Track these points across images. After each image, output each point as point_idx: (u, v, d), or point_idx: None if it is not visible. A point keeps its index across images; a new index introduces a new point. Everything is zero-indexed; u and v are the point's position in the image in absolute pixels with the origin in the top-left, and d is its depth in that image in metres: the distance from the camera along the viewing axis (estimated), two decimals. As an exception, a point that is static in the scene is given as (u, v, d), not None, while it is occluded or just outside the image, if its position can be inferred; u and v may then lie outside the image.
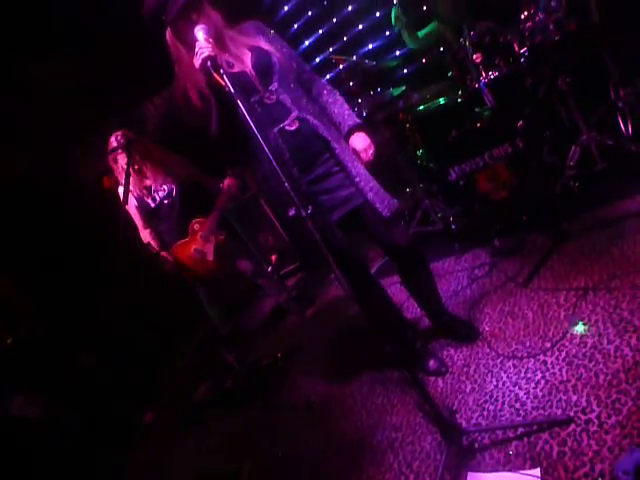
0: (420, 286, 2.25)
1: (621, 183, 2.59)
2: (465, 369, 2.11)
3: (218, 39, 1.73)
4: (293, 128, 1.79)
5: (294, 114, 1.80)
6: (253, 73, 1.77)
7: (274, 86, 1.79)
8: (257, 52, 1.80)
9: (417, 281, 2.23)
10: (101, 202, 3.30)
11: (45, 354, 3.78)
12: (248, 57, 1.78)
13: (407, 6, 3.74)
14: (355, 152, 1.91)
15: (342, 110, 1.94)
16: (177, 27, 1.69)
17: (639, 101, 2.94)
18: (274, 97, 1.78)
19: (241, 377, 3.23)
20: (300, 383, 2.95)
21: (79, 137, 4.19)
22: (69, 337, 3.98)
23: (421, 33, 3.78)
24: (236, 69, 1.77)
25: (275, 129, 1.77)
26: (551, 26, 2.70)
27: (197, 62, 1.51)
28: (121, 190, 2.83)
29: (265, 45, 1.81)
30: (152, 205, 3.11)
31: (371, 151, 1.92)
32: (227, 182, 3.15)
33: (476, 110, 2.90)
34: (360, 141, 1.91)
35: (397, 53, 4.62)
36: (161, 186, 3.11)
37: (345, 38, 4.96)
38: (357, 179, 1.88)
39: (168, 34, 1.74)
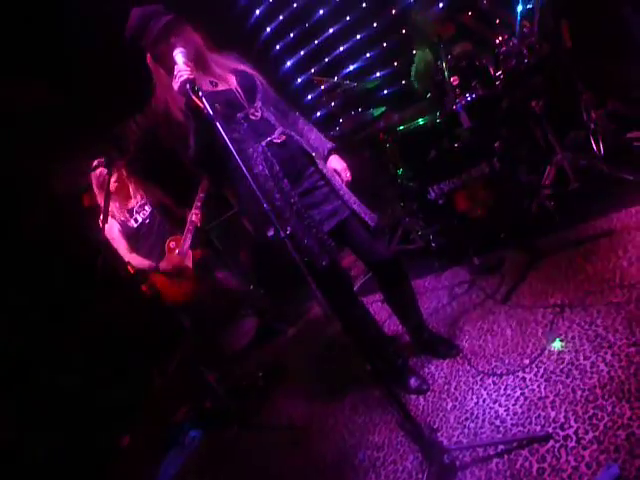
0: (402, 301, 2.27)
1: (595, 202, 2.67)
2: (446, 386, 2.12)
3: (200, 61, 1.78)
4: (280, 141, 1.85)
5: (280, 129, 1.87)
6: (239, 90, 1.82)
7: (258, 104, 1.85)
8: (241, 74, 1.87)
9: (399, 296, 2.25)
10: (81, 219, 3.27)
11: (19, 374, 3.68)
12: (232, 78, 1.84)
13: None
14: (336, 172, 2.00)
15: (318, 136, 2.05)
16: (156, 50, 1.72)
17: (610, 122, 3.05)
18: (259, 114, 1.84)
19: (221, 397, 3.18)
20: (281, 403, 2.92)
21: (61, 154, 4.14)
22: (46, 357, 3.88)
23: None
24: (221, 87, 1.82)
25: (263, 142, 1.82)
26: (525, 51, 2.80)
27: (176, 85, 1.53)
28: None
29: (247, 68, 1.89)
30: (134, 225, 3.09)
31: (349, 172, 2.03)
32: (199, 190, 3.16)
33: (454, 131, 2.97)
34: (339, 162, 2.03)
35: (377, 74, 4.72)
36: (143, 207, 3.11)
37: (326, 59, 5.04)
38: (341, 192, 1.94)
39: (148, 57, 1.77)
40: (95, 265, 2.51)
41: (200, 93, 1.52)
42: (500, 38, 2.91)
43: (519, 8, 3.07)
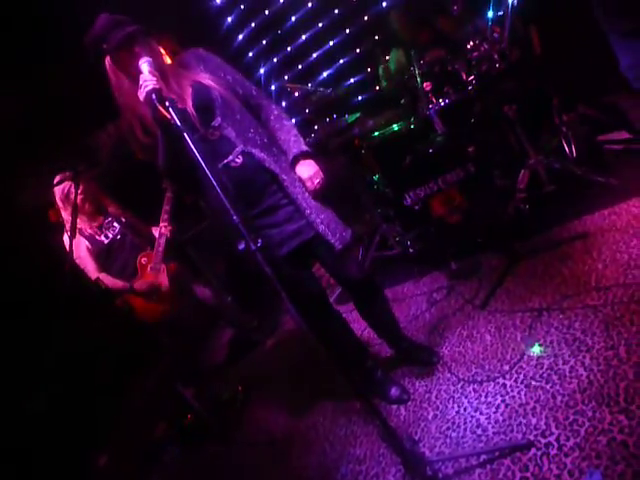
0: (376, 316, 2.24)
1: (568, 205, 2.69)
2: (427, 395, 2.09)
3: (161, 75, 1.70)
4: (238, 164, 1.75)
5: (238, 149, 1.75)
6: (193, 112, 1.70)
7: (217, 121, 1.74)
8: (197, 88, 1.74)
9: (372, 312, 2.21)
10: (47, 235, 3.16)
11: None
12: (189, 94, 1.72)
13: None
14: (301, 181, 1.86)
15: (288, 137, 1.87)
16: (119, 57, 1.65)
17: (581, 126, 3.09)
18: (217, 133, 1.74)
19: (200, 413, 3.11)
20: (261, 417, 2.86)
21: (27, 168, 4.02)
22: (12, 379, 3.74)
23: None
24: (179, 105, 1.71)
25: (219, 165, 1.73)
26: (495, 56, 2.81)
27: (142, 95, 1.48)
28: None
29: (205, 78, 1.75)
30: (105, 242, 3.00)
31: (317, 180, 1.85)
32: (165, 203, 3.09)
33: (429, 136, 2.97)
34: (305, 170, 1.85)
35: (351, 80, 4.72)
36: (112, 223, 3.03)
37: (300, 66, 5.02)
38: (307, 211, 1.83)
39: (107, 62, 1.67)
40: (62, 277, 2.40)
41: (167, 103, 1.47)
42: (471, 43, 2.92)
43: (489, 14, 3.10)
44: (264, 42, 5.10)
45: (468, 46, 2.93)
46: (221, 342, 4.20)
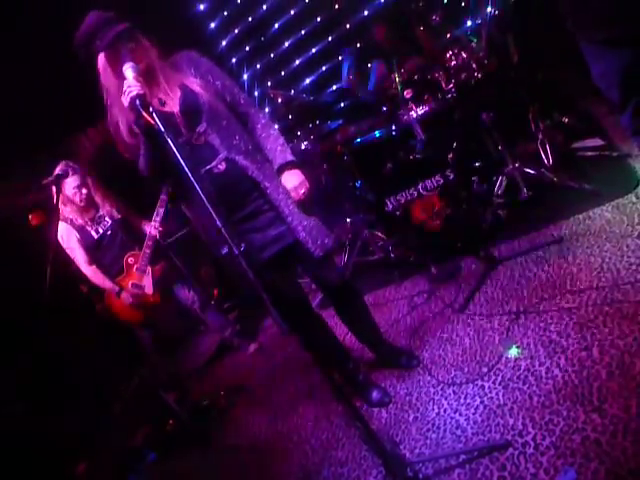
0: (356, 321, 2.28)
1: (545, 210, 2.76)
2: (408, 398, 2.12)
3: (151, 75, 1.70)
4: (220, 170, 1.76)
5: (222, 155, 1.76)
6: (180, 116, 1.71)
7: (202, 127, 1.75)
8: (185, 92, 1.74)
9: (352, 316, 2.26)
10: (27, 240, 3.12)
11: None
12: (178, 96, 1.73)
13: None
14: (286, 191, 1.86)
15: (274, 146, 1.87)
16: (110, 54, 1.64)
17: (557, 133, 3.17)
18: (202, 139, 1.75)
19: (182, 419, 3.09)
20: (244, 422, 2.85)
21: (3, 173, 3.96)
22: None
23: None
24: (166, 108, 1.73)
25: (202, 170, 1.73)
26: (474, 65, 2.88)
27: (126, 101, 1.48)
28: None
29: (194, 83, 1.76)
30: (95, 236, 2.99)
31: (302, 190, 1.85)
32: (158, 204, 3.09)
33: (409, 143, 3.02)
34: (290, 179, 1.85)
35: (333, 87, 4.76)
36: (105, 217, 3.02)
37: (282, 73, 5.06)
38: (289, 218, 1.84)
39: (101, 61, 1.67)
40: (44, 278, 2.37)
41: (150, 109, 1.47)
42: (450, 53, 2.99)
43: (468, 24, 3.18)
44: (247, 48, 5.12)
45: (447, 55, 2.99)
46: (203, 347, 4.17)
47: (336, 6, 4.77)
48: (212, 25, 5.20)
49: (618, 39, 1.31)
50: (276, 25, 5.03)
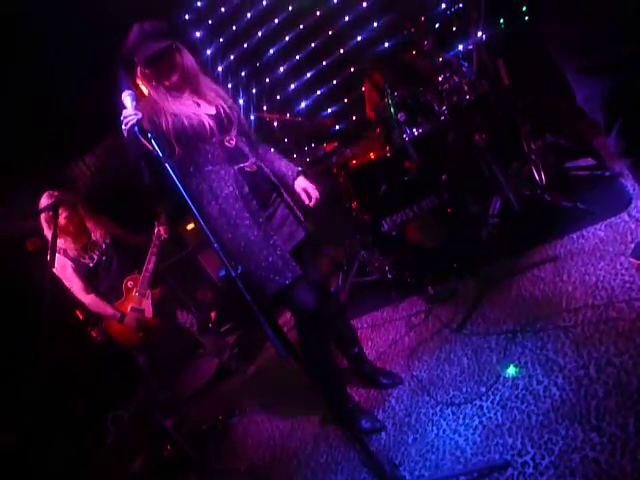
0: (339, 332, 2.36)
1: (539, 229, 2.79)
2: (407, 419, 2.11)
3: (193, 80, 1.91)
4: (253, 169, 1.98)
5: (252, 160, 1.99)
6: (216, 119, 1.90)
7: (233, 133, 1.96)
8: (225, 104, 1.98)
9: (336, 327, 2.34)
10: (24, 266, 3.12)
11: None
12: (216, 105, 1.95)
13: None
14: (305, 191, 2.14)
15: (281, 162, 2.19)
16: (146, 70, 1.81)
17: (549, 154, 3.22)
18: (233, 142, 1.95)
19: (180, 444, 3.05)
20: (242, 446, 2.82)
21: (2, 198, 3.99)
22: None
23: None
24: (202, 110, 1.90)
25: (236, 167, 1.92)
26: (465, 88, 2.94)
27: (125, 132, 1.52)
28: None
29: (227, 99, 2.03)
30: (90, 264, 2.99)
31: (316, 191, 2.16)
32: (156, 229, 3.11)
33: (404, 165, 3.06)
34: (307, 182, 2.16)
35: (328, 110, 4.84)
36: (97, 244, 3.02)
37: (278, 97, 5.14)
38: (302, 217, 2.11)
39: (139, 71, 1.84)
40: (40, 306, 2.37)
41: (149, 135, 1.51)
42: (442, 76, 3.05)
43: (459, 48, 3.25)
44: (243, 74, 5.21)
45: (439, 79, 3.06)
46: (201, 371, 4.14)
47: (329, 32, 4.87)
48: (208, 52, 5.30)
49: (595, 67, 1.36)
50: (271, 51, 5.14)
